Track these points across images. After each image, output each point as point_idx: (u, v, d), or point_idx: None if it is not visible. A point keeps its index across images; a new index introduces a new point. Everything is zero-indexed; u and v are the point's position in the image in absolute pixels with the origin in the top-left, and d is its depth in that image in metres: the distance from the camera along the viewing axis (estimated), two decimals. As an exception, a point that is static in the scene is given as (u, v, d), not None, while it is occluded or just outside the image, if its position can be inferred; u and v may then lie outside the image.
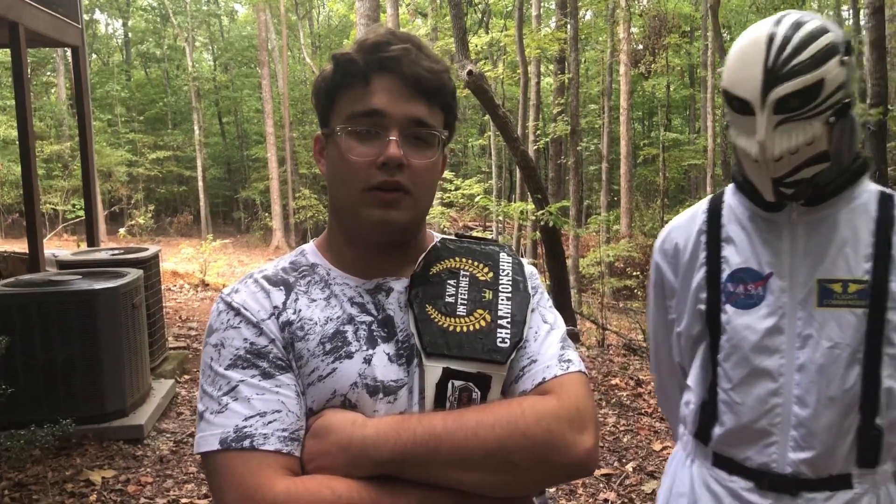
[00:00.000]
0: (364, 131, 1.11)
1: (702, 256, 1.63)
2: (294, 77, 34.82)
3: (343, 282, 1.17)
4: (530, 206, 10.15)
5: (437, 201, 17.54)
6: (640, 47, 21.88)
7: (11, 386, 4.05)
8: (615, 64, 23.75)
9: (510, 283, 1.20)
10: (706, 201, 1.72)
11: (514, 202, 17.13)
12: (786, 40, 1.42)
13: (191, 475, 4.44)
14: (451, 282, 1.17)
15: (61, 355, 4.66)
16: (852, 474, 1.51)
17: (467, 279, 1.19)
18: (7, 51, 6.98)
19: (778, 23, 1.45)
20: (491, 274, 1.20)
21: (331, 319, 1.12)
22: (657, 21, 20.76)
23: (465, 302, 1.15)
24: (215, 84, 35.23)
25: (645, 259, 16.88)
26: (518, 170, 17.45)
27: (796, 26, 1.43)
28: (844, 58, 1.44)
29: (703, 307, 1.62)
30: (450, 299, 1.15)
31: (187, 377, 6.64)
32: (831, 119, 1.44)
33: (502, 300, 1.16)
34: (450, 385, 1.08)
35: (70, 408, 4.57)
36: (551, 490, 4.07)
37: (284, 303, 1.12)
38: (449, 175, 18.63)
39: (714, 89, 19.01)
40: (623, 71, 22.07)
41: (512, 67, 21.24)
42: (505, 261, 1.24)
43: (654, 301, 1.80)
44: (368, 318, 1.13)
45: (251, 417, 1.03)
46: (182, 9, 32.87)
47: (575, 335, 8.16)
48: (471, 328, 1.12)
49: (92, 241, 8.12)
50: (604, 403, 5.80)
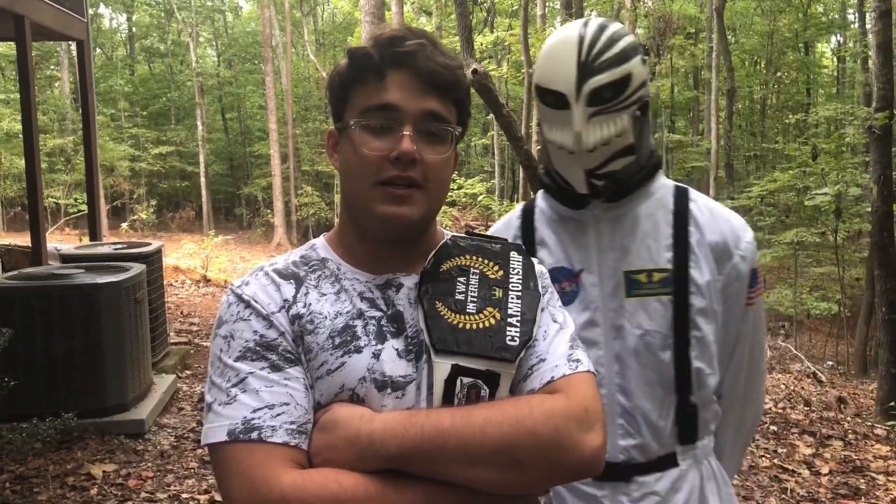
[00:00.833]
0: (378, 126, 1.11)
1: None
2: (297, 74, 34.83)
3: (353, 276, 1.17)
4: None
5: (440, 200, 17.47)
6: (645, 48, 21.84)
7: (13, 379, 4.05)
8: (619, 65, 23.66)
9: (520, 282, 1.20)
10: (520, 207, 1.80)
11: (517, 202, 17.13)
12: (595, 38, 1.52)
13: (191, 470, 4.44)
14: (461, 279, 1.17)
15: (63, 349, 4.66)
16: (676, 452, 1.60)
17: (477, 277, 1.19)
18: (11, 44, 6.97)
19: (585, 25, 1.55)
20: (501, 272, 1.20)
21: (340, 314, 1.12)
22: (662, 22, 20.72)
23: (475, 299, 1.15)
24: (219, 80, 35.22)
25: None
26: (521, 169, 17.44)
27: (602, 28, 1.54)
28: (644, 57, 1.57)
29: None
30: (459, 297, 1.15)
31: (188, 372, 6.65)
32: (637, 113, 1.55)
33: (512, 298, 1.16)
34: (458, 382, 1.08)
35: (71, 401, 4.56)
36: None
37: (294, 296, 1.12)
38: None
39: (718, 91, 18.97)
40: (627, 72, 21.98)
41: (516, 67, 21.23)
42: (515, 259, 1.24)
43: None
44: (378, 314, 1.13)
45: (259, 409, 1.03)
46: (186, 4, 32.87)
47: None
48: (480, 326, 1.12)
49: (94, 236, 8.12)
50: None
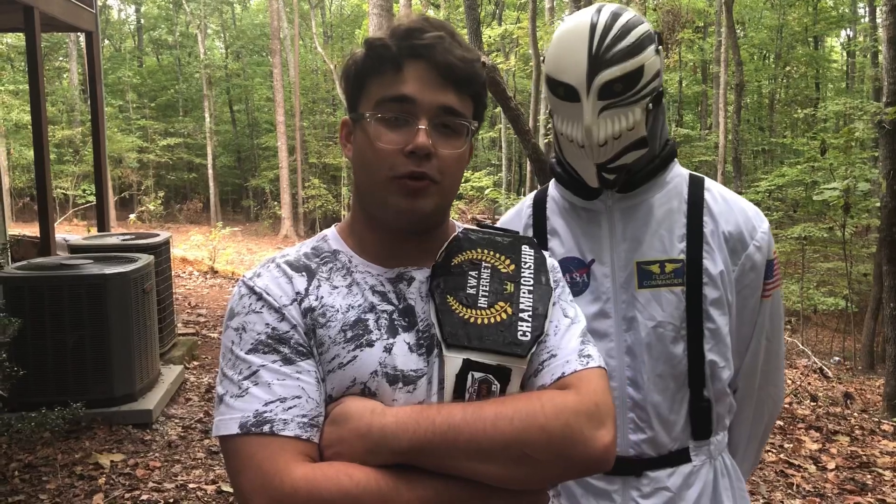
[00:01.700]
0: (393, 118, 1.09)
1: None
2: (305, 66, 34.83)
3: (365, 269, 1.16)
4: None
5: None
6: (660, 36, 21.78)
7: (22, 368, 4.07)
8: (628, 58, 23.59)
9: (532, 276, 1.19)
10: (531, 196, 1.76)
11: (524, 195, 17.12)
12: (607, 28, 1.46)
13: (199, 461, 4.46)
14: (473, 273, 1.17)
15: (72, 339, 4.69)
16: (689, 448, 1.57)
17: (489, 271, 1.18)
18: (21, 35, 6.98)
19: (598, 12, 1.49)
20: (513, 266, 1.19)
21: (352, 307, 1.12)
22: (671, 16, 20.63)
23: (487, 294, 1.15)
24: (227, 72, 35.26)
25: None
26: (528, 163, 17.42)
27: (615, 16, 1.47)
28: (658, 47, 1.51)
29: None
30: (471, 291, 1.14)
31: (196, 363, 6.67)
32: (649, 105, 1.50)
33: (524, 293, 1.16)
34: (469, 376, 1.08)
35: (80, 391, 4.59)
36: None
37: (307, 289, 1.12)
38: (459, 167, 18.55)
39: (727, 86, 18.89)
40: (635, 65, 21.92)
41: (524, 60, 21.20)
42: (527, 253, 1.23)
43: None
44: (389, 308, 1.13)
45: (271, 402, 1.03)
46: (195, -4, 32.89)
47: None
48: (491, 320, 1.12)
49: (102, 227, 8.14)
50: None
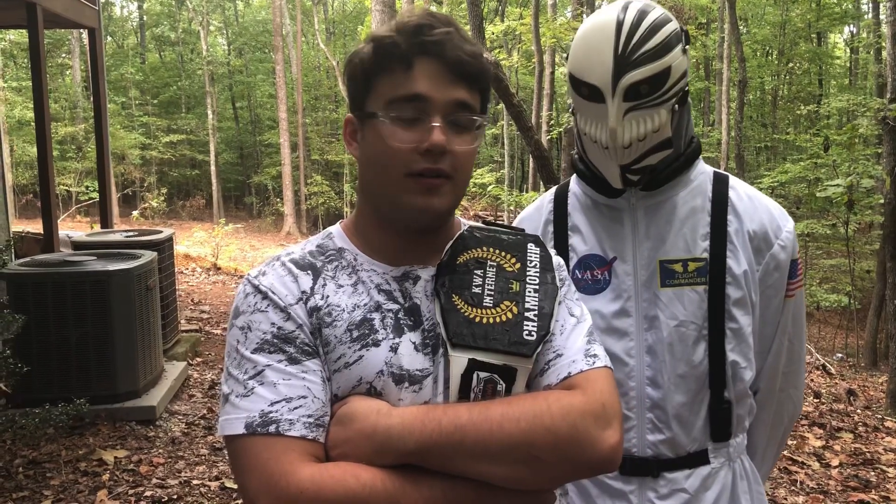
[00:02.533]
0: (407, 117, 1.09)
1: (550, 247, 1.65)
2: (308, 63, 34.81)
3: (370, 268, 1.16)
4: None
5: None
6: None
7: (26, 365, 4.08)
8: (630, 55, 23.55)
9: (538, 275, 1.19)
10: (552, 191, 1.73)
11: (527, 192, 17.11)
12: (634, 27, 1.41)
13: (202, 457, 4.47)
14: (478, 272, 1.16)
15: (75, 335, 4.70)
16: (708, 449, 1.55)
17: (494, 269, 1.17)
18: (24, 32, 6.98)
19: (624, 10, 1.44)
20: (518, 265, 1.19)
21: (358, 306, 1.11)
22: (674, 12, 20.58)
23: (492, 293, 1.14)
24: (229, 68, 35.24)
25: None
26: (531, 159, 17.42)
27: (642, 14, 1.43)
28: (686, 46, 1.48)
29: None
30: (476, 290, 1.14)
31: (199, 360, 6.68)
32: (676, 106, 1.48)
33: (529, 292, 1.15)
34: (475, 376, 1.08)
35: (83, 387, 4.60)
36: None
37: (312, 288, 1.11)
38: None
39: (729, 82, 18.87)
40: (638, 62, 21.87)
41: (527, 56, 21.17)
42: (532, 251, 1.23)
43: None
44: (395, 307, 1.12)
45: (277, 402, 1.03)
46: (197, -8, 32.86)
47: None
48: (497, 319, 1.11)
49: (106, 223, 8.15)
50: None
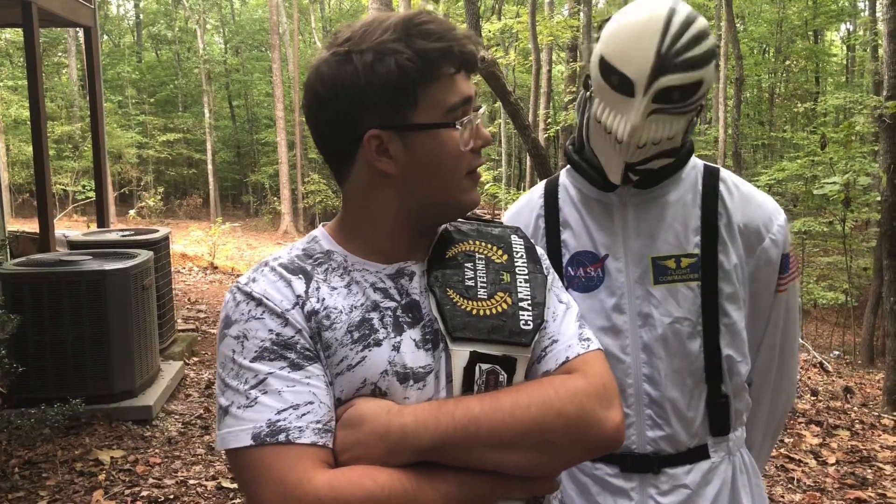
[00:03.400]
0: (466, 120, 1.13)
1: (542, 242, 1.64)
2: (305, 61, 34.74)
3: (362, 268, 1.14)
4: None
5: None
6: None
7: (22, 365, 4.07)
8: (627, 52, 23.53)
9: (526, 265, 1.20)
10: (541, 186, 1.71)
11: (524, 190, 17.09)
12: (681, 30, 1.38)
13: (199, 457, 4.46)
14: (469, 265, 1.17)
15: (71, 335, 4.68)
16: (708, 444, 1.56)
17: (483, 262, 1.19)
18: (19, 30, 6.96)
19: (673, 10, 1.40)
20: (505, 256, 1.20)
21: (355, 307, 1.10)
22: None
23: (485, 285, 1.15)
24: (226, 67, 35.22)
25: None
26: (528, 157, 17.41)
27: (690, 19, 1.40)
28: (718, 63, 1.44)
29: None
30: (469, 283, 1.15)
31: (196, 359, 6.67)
32: (695, 119, 1.48)
33: (520, 282, 1.17)
34: (477, 369, 1.08)
35: (79, 387, 4.58)
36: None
37: (306, 291, 1.09)
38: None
39: (726, 80, 18.87)
40: (635, 60, 21.85)
41: (524, 55, 21.17)
42: (517, 243, 1.24)
43: None
44: (393, 304, 1.12)
45: (284, 410, 1.00)
46: (194, -9, 32.81)
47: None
48: (493, 311, 1.12)
49: (102, 222, 8.13)
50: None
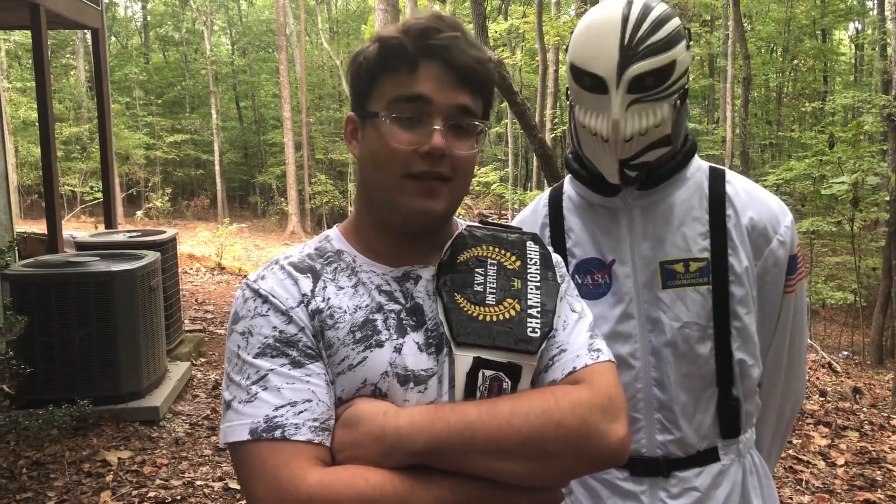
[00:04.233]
0: (408, 118, 1.08)
1: None
2: (311, 62, 34.82)
3: (370, 269, 1.15)
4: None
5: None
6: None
7: (30, 366, 4.08)
8: (634, 52, 23.50)
9: (538, 272, 1.19)
10: (546, 194, 1.71)
11: (531, 190, 17.10)
12: (640, 20, 1.41)
13: (206, 458, 4.47)
14: (479, 270, 1.16)
15: (78, 336, 4.69)
16: (718, 447, 1.55)
17: (495, 268, 1.17)
18: (27, 32, 6.99)
19: (629, 4, 1.43)
20: (518, 262, 1.19)
21: (360, 308, 1.10)
22: (677, 10, 20.56)
23: (494, 291, 1.14)
24: (233, 68, 35.30)
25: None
26: (535, 158, 17.40)
27: (647, 8, 1.43)
28: (689, 43, 1.48)
29: None
30: (478, 288, 1.14)
31: (203, 360, 6.68)
32: (677, 103, 1.46)
33: (531, 289, 1.15)
34: (480, 374, 1.07)
35: (86, 388, 4.59)
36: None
37: (312, 290, 1.11)
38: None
39: (734, 79, 18.81)
40: (642, 59, 21.82)
41: (530, 55, 21.15)
42: (532, 249, 1.23)
43: None
44: (397, 307, 1.12)
45: (282, 407, 1.02)
46: (201, -8, 32.90)
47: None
48: (501, 317, 1.11)
49: (110, 224, 8.16)
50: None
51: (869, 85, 25.96)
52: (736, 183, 1.57)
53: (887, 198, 8.39)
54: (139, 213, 23.36)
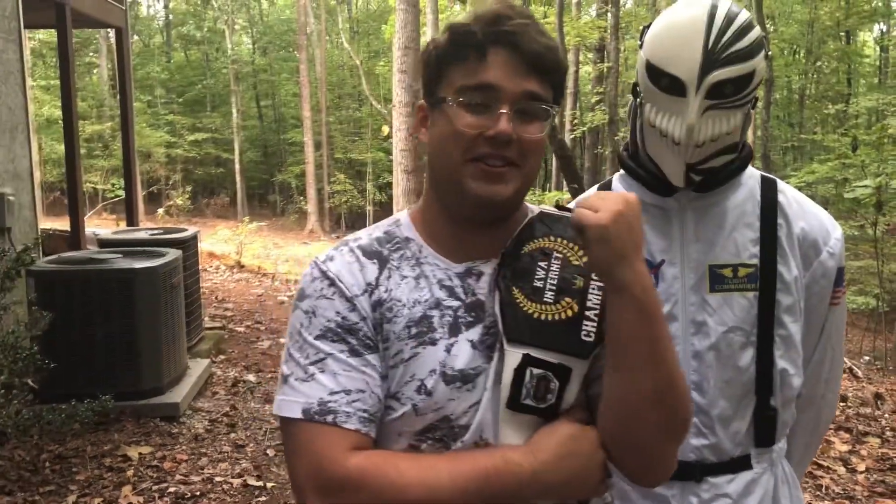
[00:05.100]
0: (475, 103, 1.08)
1: None
2: (331, 62, 34.91)
3: (434, 262, 1.16)
4: (566, 196, 10.09)
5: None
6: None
7: (53, 361, 4.13)
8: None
9: None
10: (594, 189, 1.72)
11: (550, 191, 17.06)
12: (725, 25, 1.40)
13: (225, 454, 4.50)
14: (543, 263, 1.14)
15: (101, 332, 4.74)
16: (751, 455, 1.54)
17: (559, 262, 1.14)
18: (52, 31, 7.07)
19: (714, 7, 1.42)
20: (585, 259, 1.13)
21: (419, 302, 1.12)
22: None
23: (554, 287, 1.12)
24: (254, 67, 35.44)
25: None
26: (554, 158, 17.38)
27: (733, 14, 1.42)
28: (768, 52, 1.47)
29: None
30: (538, 283, 1.12)
31: (222, 357, 6.73)
32: (751, 111, 1.50)
33: (593, 289, 1.12)
34: (528, 372, 1.07)
35: (108, 384, 4.64)
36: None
37: (378, 278, 1.13)
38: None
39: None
40: (663, 61, 21.70)
41: (550, 55, 21.04)
42: None
43: None
44: (456, 303, 1.13)
45: (337, 393, 1.06)
46: (223, -8, 33.06)
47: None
48: (557, 317, 1.10)
49: (131, 221, 8.24)
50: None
51: (894, 87, 25.67)
52: (788, 193, 1.57)
53: (911, 202, 8.28)
54: (160, 211, 23.51)
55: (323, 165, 29.65)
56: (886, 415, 6.28)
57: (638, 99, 1.55)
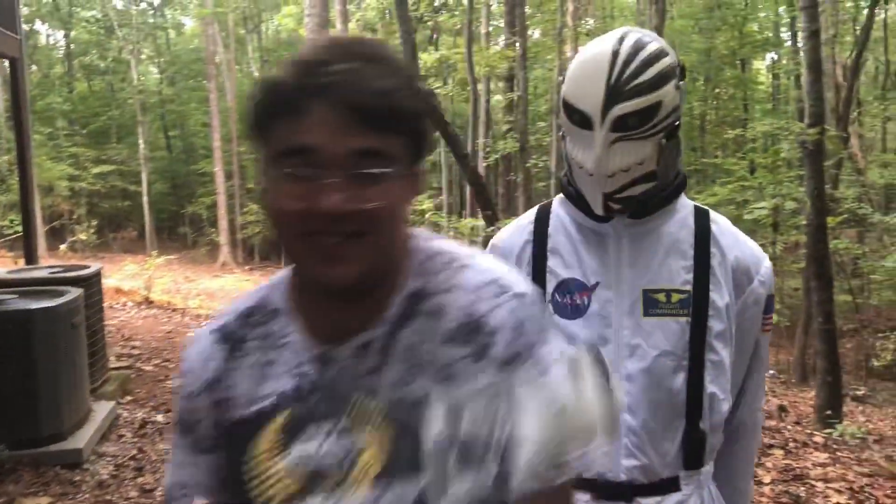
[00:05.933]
0: (299, 174, 0.90)
1: (528, 268, 1.65)
2: (242, 91, 34.43)
3: (294, 341, 1.03)
4: (481, 223, 10.20)
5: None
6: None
7: (-59, 410, 3.89)
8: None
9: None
10: (533, 211, 1.74)
11: (465, 218, 17.19)
12: (629, 59, 1.44)
13: (131, 500, 4.32)
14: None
15: (-5, 377, 4.50)
16: (680, 477, 1.57)
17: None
18: (-59, 62, 6.74)
19: (621, 41, 1.47)
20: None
21: (256, 400, 1.03)
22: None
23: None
24: (161, 97, 34.68)
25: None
26: (468, 186, 17.55)
27: (638, 46, 1.46)
28: (680, 83, 1.50)
29: None
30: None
31: (129, 398, 6.47)
32: (663, 141, 1.49)
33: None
34: None
35: (3, 432, 4.40)
36: None
37: (222, 373, 1.06)
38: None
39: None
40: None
41: (462, 85, 21.36)
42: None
43: None
44: (303, 392, 1.02)
45: (176, 483, 1.11)
46: (127, 21, 32.29)
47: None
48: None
49: (30, 259, 7.87)
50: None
51: (786, 112, 27.03)
52: (721, 223, 1.62)
53: (805, 221, 8.72)
54: (63, 247, 22.60)
55: (235, 196, 29.16)
56: (789, 426, 6.54)
57: (561, 132, 1.60)
